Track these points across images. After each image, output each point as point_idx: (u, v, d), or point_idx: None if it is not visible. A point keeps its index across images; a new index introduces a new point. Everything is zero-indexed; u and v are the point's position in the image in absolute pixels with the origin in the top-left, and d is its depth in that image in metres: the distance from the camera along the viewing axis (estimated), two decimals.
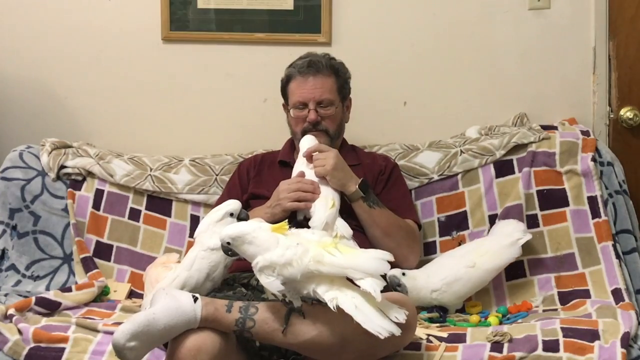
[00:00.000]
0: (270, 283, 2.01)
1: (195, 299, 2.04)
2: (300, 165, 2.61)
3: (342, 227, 2.48)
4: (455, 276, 2.56)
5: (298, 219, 2.51)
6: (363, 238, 2.55)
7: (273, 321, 2.05)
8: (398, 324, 1.96)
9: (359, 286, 1.96)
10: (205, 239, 2.30)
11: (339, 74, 2.74)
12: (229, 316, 2.05)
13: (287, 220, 2.10)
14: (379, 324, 1.92)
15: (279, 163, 2.76)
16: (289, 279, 1.99)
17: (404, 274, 2.53)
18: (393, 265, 2.54)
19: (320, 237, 2.06)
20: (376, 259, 1.98)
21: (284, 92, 2.77)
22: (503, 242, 2.63)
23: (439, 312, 2.56)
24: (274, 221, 2.27)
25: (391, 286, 2.46)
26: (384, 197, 2.67)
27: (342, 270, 1.96)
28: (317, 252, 1.98)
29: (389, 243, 2.53)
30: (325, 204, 2.48)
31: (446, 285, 2.55)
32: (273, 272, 2.00)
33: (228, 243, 2.05)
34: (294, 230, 2.09)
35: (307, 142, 2.63)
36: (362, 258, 1.98)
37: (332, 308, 1.95)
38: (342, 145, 2.82)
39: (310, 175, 2.57)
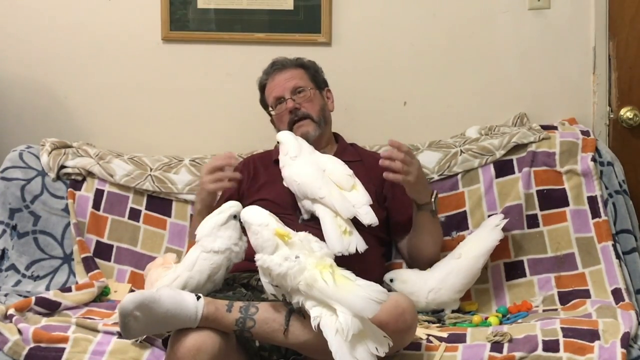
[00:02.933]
0: (265, 284, 2.07)
1: (198, 298, 2.05)
2: (289, 163, 2.56)
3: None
4: (446, 271, 2.57)
5: (303, 219, 2.51)
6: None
7: (273, 321, 2.05)
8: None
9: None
10: (208, 243, 2.29)
11: (305, 66, 2.78)
12: (230, 316, 2.05)
13: (289, 233, 2.09)
14: (352, 356, 1.90)
15: (274, 162, 2.75)
16: (280, 286, 2.03)
17: (392, 280, 2.55)
18: (421, 267, 2.62)
19: (322, 255, 2.04)
20: (366, 300, 1.93)
21: (264, 104, 2.81)
22: (483, 230, 2.67)
23: (435, 317, 2.56)
24: (206, 206, 2.53)
25: None
26: (399, 199, 2.66)
27: (328, 301, 1.95)
28: (311, 275, 1.97)
29: (434, 252, 2.62)
30: (337, 227, 2.40)
31: (440, 282, 2.56)
32: (269, 275, 2.03)
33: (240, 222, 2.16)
34: (302, 235, 2.09)
35: (286, 135, 2.59)
36: (352, 294, 1.94)
37: (313, 327, 1.95)
38: (339, 142, 2.82)
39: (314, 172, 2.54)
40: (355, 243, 2.38)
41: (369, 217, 2.42)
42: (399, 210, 2.68)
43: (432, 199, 2.57)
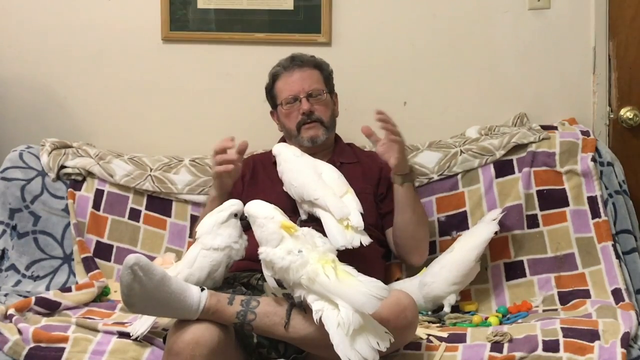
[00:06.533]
0: (268, 277, 2.09)
1: (202, 290, 2.08)
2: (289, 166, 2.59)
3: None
4: (440, 265, 2.59)
5: (301, 220, 2.50)
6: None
7: (274, 315, 2.07)
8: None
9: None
10: (208, 240, 2.30)
11: (322, 68, 2.77)
12: (231, 308, 2.07)
13: (296, 225, 2.10)
14: (354, 349, 1.91)
15: (273, 164, 2.75)
16: (282, 279, 2.05)
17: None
18: (412, 258, 2.62)
19: (325, 251, 2.06)
20: (367, 296, 1.94)
21: (271, 94, 2.79)
22: (479, 224, 2.69)
23: (435, 317, 2.56)
24: (220, 194, 2.52)
25: None
26: (392, 192, 2.64)
27: (329, 295, 1.97)
28: (313, 269, 1.99)
29: (420, 232, 2.60)
30: (339, 222, 2.41)
31: (432, 275, 2.57)
32: (271, 269, 2.06)
33: (244, 217, 2.18)
34: (305, 230, 2.11)
35: (281, 149, 2.63)
36: (353, 290, 1.95)
37: (315, 320, 1.96)
38: (337, 142, 2.82)
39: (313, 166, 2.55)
40: (360, 237, 2.38)
41: (356, 220, 2.41)
42: (391, 199, 2.65)
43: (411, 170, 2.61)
